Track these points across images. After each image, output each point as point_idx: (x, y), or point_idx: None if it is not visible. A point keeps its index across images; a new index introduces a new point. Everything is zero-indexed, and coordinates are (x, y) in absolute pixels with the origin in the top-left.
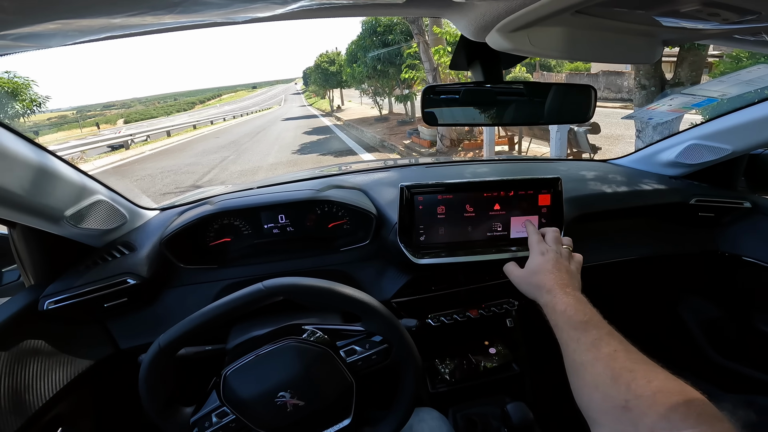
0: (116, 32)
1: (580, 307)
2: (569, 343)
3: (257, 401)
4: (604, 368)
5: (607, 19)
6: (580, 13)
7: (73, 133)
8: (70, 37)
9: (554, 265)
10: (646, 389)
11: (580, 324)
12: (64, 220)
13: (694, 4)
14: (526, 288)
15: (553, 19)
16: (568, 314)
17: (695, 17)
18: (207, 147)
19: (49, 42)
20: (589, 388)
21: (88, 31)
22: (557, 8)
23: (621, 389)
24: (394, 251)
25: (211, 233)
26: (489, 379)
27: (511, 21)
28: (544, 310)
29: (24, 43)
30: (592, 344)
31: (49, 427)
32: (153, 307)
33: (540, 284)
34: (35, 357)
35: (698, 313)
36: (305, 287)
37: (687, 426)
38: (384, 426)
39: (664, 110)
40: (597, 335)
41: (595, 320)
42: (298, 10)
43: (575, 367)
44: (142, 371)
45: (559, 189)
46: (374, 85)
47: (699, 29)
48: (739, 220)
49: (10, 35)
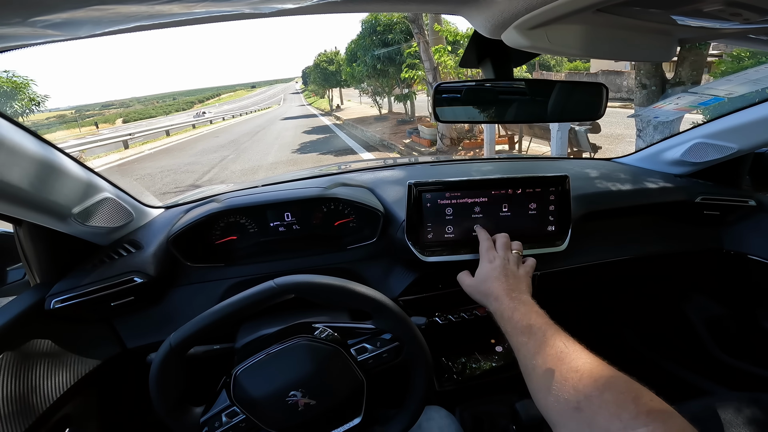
0: (145, 21)
1: (525, 310)
2: (519, 348)
3: (268, 400)
4: (552, 371)
5: (626, 18)
6: (601, 11)
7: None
8: (101, 25)
9: (501, 272)
10: (593, 389)
11: (526, 328)
12: (71, 218)
13: (717, 4)
14: (477, 297)
15: (574, 17)
16: (514, 320)
17: (716, 17)
18: (206, 146)
19: (78, 30)
20: (543, 392)
21: (117, 19)
22: (580, 6)
23: (570, 392)
24: (402, 249)
25: (217, 231)
26: (496, 377)
27: (531, 18)
28: (495, 317)
29: (53, 31)
30: (538, 348)
31: (56, 427)
32: (160, 306)
33: (488, 292)
34: (41, 357)
35: (703, 311)
36: (317, 285)
37: (639, 424)
38: (394, 425)
39: (670, 109)
40: (542, 338)
41: (540, 323)
42: (323, 3)
43: (527, 372)
44: (152, 370)
45: (567, 187)
46: (374, 84)
47: (717, 29)
48: (744, 219)
49: (41, 22)
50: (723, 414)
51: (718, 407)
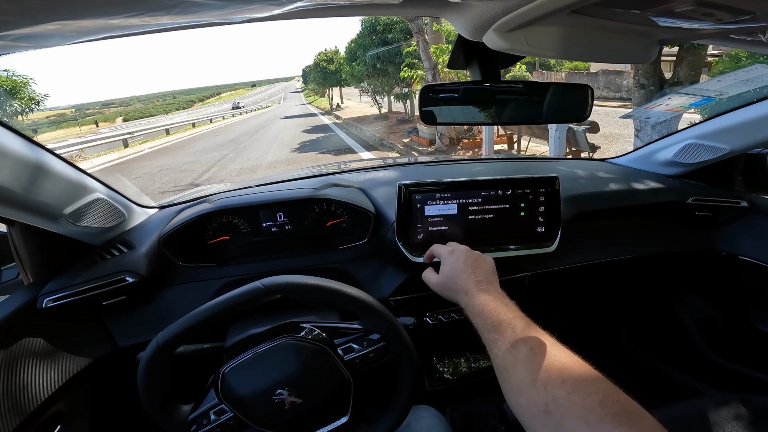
0: (114, 32)
1: (496, 305)
2: (491, 346)
3: (255, 399)
4: (523, 371)
5: (603, 19)
6: (576, 13)
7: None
8: (69, 37)
9: (465, 262)
10: (561, 390)
11: (497, 325)
12: (62, 218)
13: (688, 4)
14: (446, 294)
15: (549, 19)
16: (484, 315)
17: (690, 17)
18: (206, 145)
19: (47, 42)
20: (514, 392)
21: (86, 31)
22: (553, 8)
23: (540, 392)
24: (392, 250)
25: (210, 231)
26: (486, 377)
27: (508, 21)
28: (466, 312)
29: (23, 44)
30: (510, 346)
31: (47, 425)
32: (151, 305)
33: (457, 287)
34: (33, 355)
35: (695, 311)
36: (303, 285)
37: (606, 428)
38: (381, 424)
39: (661, 110)
40: (513, 336)
41: (511, 318)
42: (295, 10)
43: (499, 371)
44: (140, 369)
45: (557, 188)
46: (373, 83)
47: (695, 29)
48: (736, 220)
49: (9, 36)
50: (713, 415)
51: (709, 408)
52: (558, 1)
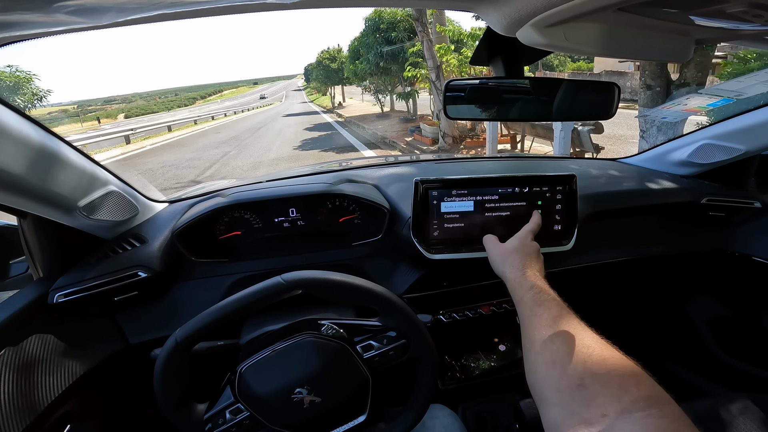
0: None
1: (545, 287)
2: (531, 318)
3: (273, 398)
4: (563, 344)
5: (645, 17)
6: (621, 10)
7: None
8: (125, 12)
9: (533, 252)
10: (600, 367)
11: (544, 301)
12: (77, 211)
13: (741, 5)
14: (498, 261)
15: (594, 16)
16: (534, 291)
17: (737, 18)
18: (208, 142)
19: (101, 18)
20: (546, 364)
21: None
22: (602, 5)
23: (578, 367)
24: (407, 246)
25: (222, 226)
26: (499, 376)
27: (549, 16)
28: (509, 285)
29: (76, 18)
30: (553, 321)
31: (57, 424)
32: (163, 301)
33: (514, 263)
34: (44, 353)
35: (707, 311)
36: (325, 281)
37: (637, 408)
38: (399, 422)
39: (678, 110)
40: (558, 313)
41: (557, 300)
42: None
43: (533, 341)
44: (157, 366)
45: (574, 187)
46: (376, 82)
47: (736, 30)
48: (750, 220)
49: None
50: (723, 414)
51: (721, 407)
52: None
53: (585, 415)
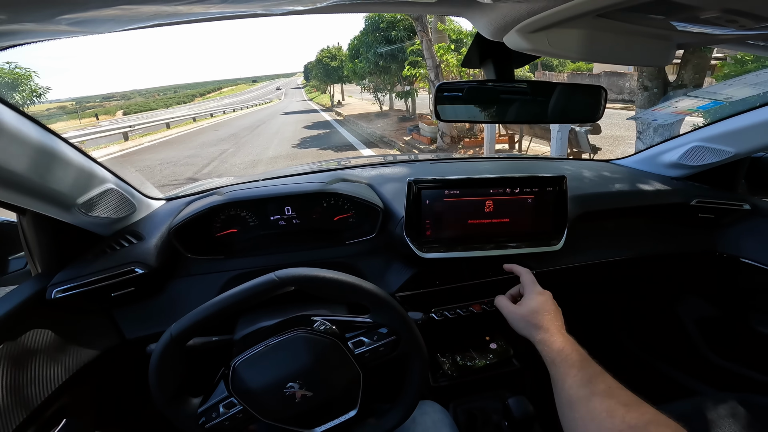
0: (162, 20)
1: (575, 347)
2: (566, 379)
3: (266, 392)
4: (600, 403)
5: (625, 23)
6: (601, 16)
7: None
8: (120, 23)
9: (552, 306)
10: (639, 420)
11: (577, 362)
12: (75, 208)
13: (714, 11)
14: (521, 325)
15: (574, 22)
16: (566, 352)
17: (713, 23)
18: (206, 139)
19: (99, 28)
20: (584, 420)
21: (138, 18)
22: (581, 11)
23: (616, 421)
24: (400, 245)
25: (218, 224)
26: (489, 374)
27: (532, 22)
28: (539, 347)
29: (75, 28)
30: (588, 381)
31: (53, 418)
32: (159, 298)
33: (539, 324)
34: (41, 347)
35: (696, 312)
36: (318, 278)
37: None
38: (389, 418)
39: (669, 112)
40: (592, 373)
41: (589, 360)
42: (332, 4)
43: (571, 402)
44: (152, 361)
45: (564, 188)
46: (375, 81)
47: (714, 34)
48: (739, 222)
49: (67, 20)
50: (710, 414)
51: (707, 406)
52: (586, 4)
53: None
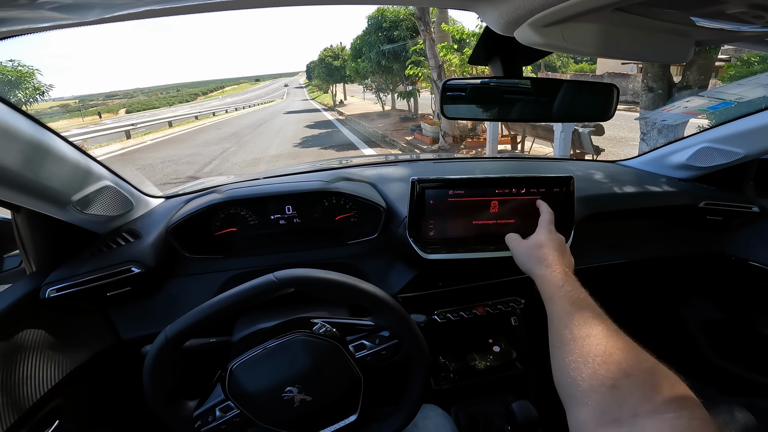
0: (155, 6)
1: (577, 286)
2: (563, 316)
3: (264, 396)
4: (597, 345)
5: (644, 18)
6: (619, 10)
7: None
8: (111, 8)
9: (560, 246)
10: (636, 369)
11: (578, 300)
12: (70, 205)
13: (741, 6)
14: (525, 258)
15: (592, 15)
16: (566, 289)
17: (737, 19)
18: (208, 138)
19: (87, 14)
20: (577, 363)
21: (128, 3)
22: (600, 4)
23: (611, 367)
24: (403, 246)
25: (217, 223)
26: (492, 377)
27: (546, 15)
28: (539, 282)
29: (61, 14)
30: (586, 321)
31: (45, 420)
32: (156, 297)
33: (542, 257)
34: (34, 347)
35: (701, 315)
36: (318, 279)
37: (669, 410)
38: (390, 423)
39: (678, 112)
40: (591, 314)
41: (590, 300)
42: None
43: (564, 341)
44: (147, 362)
45: (572, 188)
46: (377, 80)
47: (736, 31)
48: (747, 225)
49: (48, 3)
50: (714, 418)
51: (710, 411)
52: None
53: (616, 414)
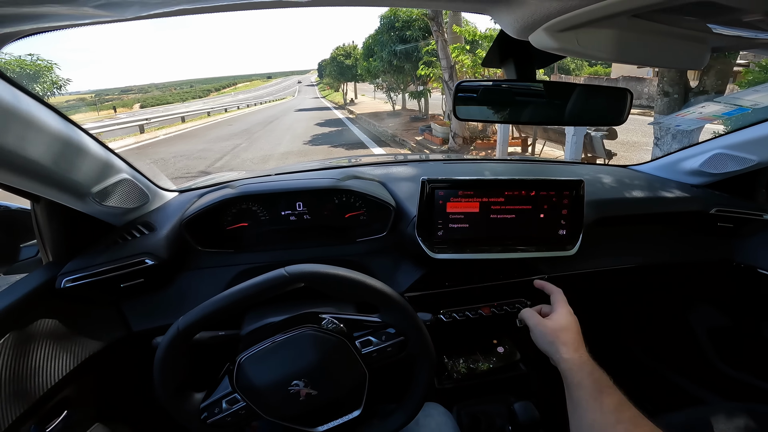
0: (188, 5)
1: (602, 373)
2: (590, 402)
3: (270, 389)
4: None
5: (660, 24)
6: (636, 16)
7: (90, 116)
8: (148, 6)
9: (578, 329)
10: None
11: (605, 387)
12: (90, 197)
13: (759, 14)
14: (547, 341)
15: (608, 21)
16: (594, 376)
17: (754, 27)
18: (220, 134)
19: (125, 12)
20: None
21: (164, 2)
22: (616, 11)
23: None
24: (411, 245)
25: (229, 217)
26: (495, 377)
27: (562, 21)
28: (561, 367)
29: (101, 11)
30: (614, 408)
31: (54, 410)
32: (168, 290)
33: (566, 342)
34: (47, 337)
35: (708, 321)
36: (328, 275)
37: None
38: (393, 419)
39: (693, 117)
40: (618, 401)
41: (612, 385)
42: None
43: (594, 426)
44: (158, 354)
45: (582, 192)
46: (389, 80)
47: (752, 38)
48: (757, 232)
49: (93, 1)
50: (717, 423)
51: (713, 416)
52: (624, 3)
53: None
